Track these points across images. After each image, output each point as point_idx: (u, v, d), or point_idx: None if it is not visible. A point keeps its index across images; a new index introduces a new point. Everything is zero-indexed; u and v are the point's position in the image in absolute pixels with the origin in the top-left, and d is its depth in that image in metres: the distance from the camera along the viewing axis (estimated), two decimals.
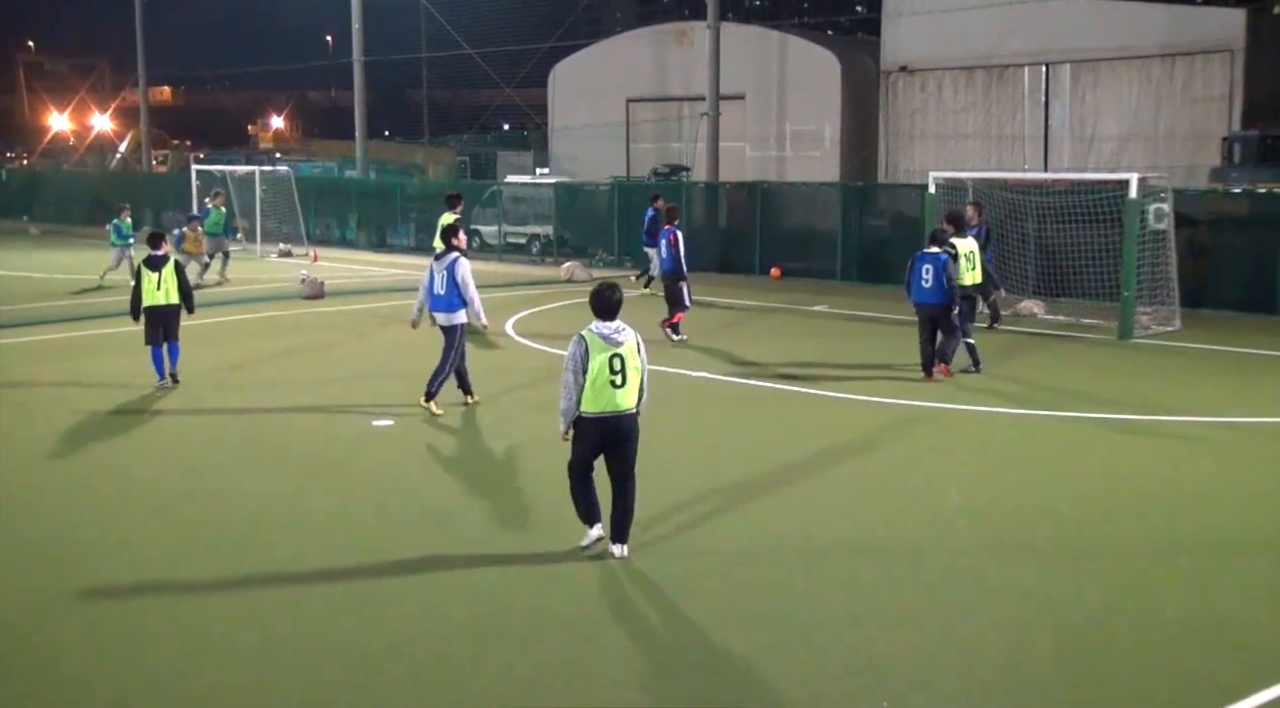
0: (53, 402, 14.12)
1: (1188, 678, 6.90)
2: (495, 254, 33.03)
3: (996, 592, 8.13)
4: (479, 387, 13.81)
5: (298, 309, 22.34)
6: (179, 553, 8.89)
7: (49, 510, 10.00)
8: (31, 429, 12.72)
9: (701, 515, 9.71)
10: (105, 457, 11.81)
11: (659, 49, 42.35)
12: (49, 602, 7.92)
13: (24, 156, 79.25)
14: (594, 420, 8.49)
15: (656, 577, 8.31)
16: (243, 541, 9.17)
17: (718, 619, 7.60)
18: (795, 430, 12.89)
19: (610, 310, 8.65)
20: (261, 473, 11.15)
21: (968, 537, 9.30)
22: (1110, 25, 32.71)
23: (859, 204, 27.83)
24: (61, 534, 9.37)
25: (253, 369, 16.38)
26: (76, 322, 20.37)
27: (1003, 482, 10.86)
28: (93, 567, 8.62)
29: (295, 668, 6.94)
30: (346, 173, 46.62)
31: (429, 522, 9.67)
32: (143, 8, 49.15)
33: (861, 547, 9.06)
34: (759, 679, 6.80)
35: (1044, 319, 21.01)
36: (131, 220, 25.95)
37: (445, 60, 51.83)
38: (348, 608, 7.82)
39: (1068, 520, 9.74)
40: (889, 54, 36.11)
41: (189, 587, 8.20)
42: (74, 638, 7.35)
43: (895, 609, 7.80)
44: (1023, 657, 7.10)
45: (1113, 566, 8.68)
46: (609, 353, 8.47)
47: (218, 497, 10.31)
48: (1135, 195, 18.83)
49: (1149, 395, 14.56)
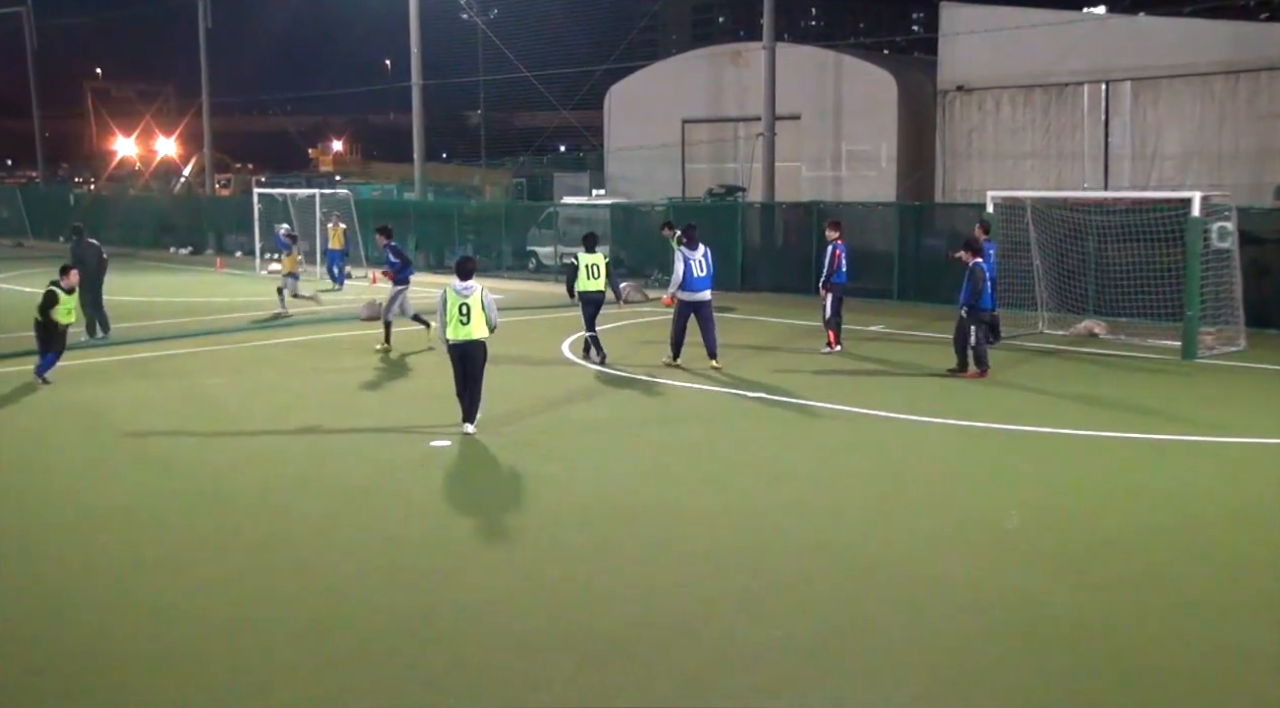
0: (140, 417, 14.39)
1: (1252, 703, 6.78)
2: (551, 275, 33.19)
3: (1057, 618, 8.03)
4: (532, 406, 13.87)
5: (357, 330, 22.59)
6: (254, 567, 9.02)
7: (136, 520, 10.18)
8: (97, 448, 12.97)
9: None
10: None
11: (714, 70, 42.43)
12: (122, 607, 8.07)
13: (92, 181, 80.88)
14: (453, 345, 13.20)
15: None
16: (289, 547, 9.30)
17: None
18: (848, 450, 12.84)
19: (466, 274, 13.22)
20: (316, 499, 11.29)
21: (1021, 559, 9.18)
22: (1171, 42, 32.29)
23: (916, 224, 27.69)
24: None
25: (314, 391, 16.61)
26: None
27: (1063, 504, 10.72)
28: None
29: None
30: (405, 195, 47.11)
31: (483, 542, 9.75)
32: (207, 34, 50.10)
33: (917, 568, 8.99)
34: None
35: (1105, 339, 20.77)
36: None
37: (502, 83, 52.24)
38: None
39: (1127, 542, 9.59)
40: (946, 73, 35.88)
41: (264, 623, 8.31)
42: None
43: (954, 629, 7.73)
44: (1085, 682, 7.01)
45: (1176, 588, 8.54)
46: (459, 301, 13.01)
47: (278, 514, 10.48)
48: (1198, 214, 18.59)
49: (1213, 416, 14.33)
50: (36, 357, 17.02)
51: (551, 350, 19.82)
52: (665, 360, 17.87)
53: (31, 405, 15.49)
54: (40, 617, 8.13)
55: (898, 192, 36.69)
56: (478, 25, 48.94)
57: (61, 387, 16.53)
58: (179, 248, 46.01)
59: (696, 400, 15.68)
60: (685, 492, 11.14)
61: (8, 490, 11.38)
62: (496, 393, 14.28)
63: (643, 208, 34.70)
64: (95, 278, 20.98)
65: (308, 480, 11.66)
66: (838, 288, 19.23)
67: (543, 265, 34.80)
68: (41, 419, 14.67)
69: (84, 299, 19.56)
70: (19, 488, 11.49)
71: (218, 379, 17.42)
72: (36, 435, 13.82)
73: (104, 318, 21.30)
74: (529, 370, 17.79)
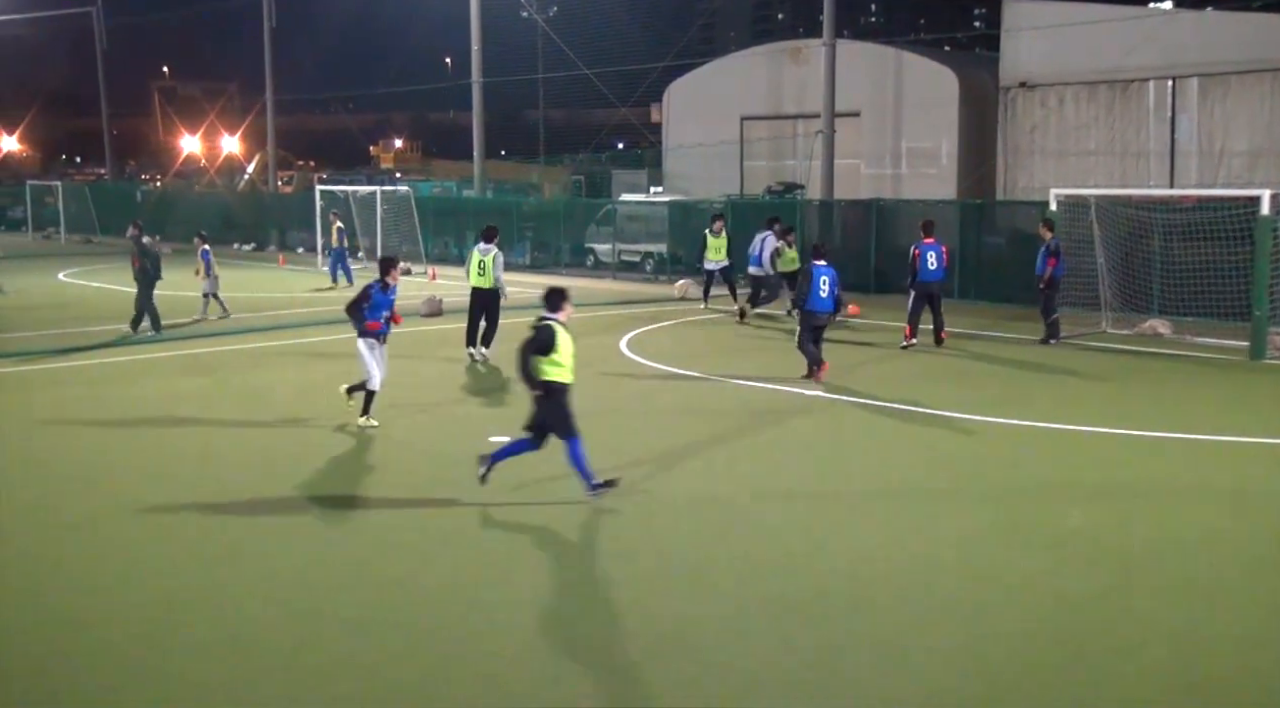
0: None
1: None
2: (609, 272, 33.26)
3: (1123, 623, 7.95)
4: (596, 400, 13.89)
5: (417, 327, 22.77)
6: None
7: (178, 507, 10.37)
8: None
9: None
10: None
11: (773, 67, 42.27)
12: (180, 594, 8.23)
13: (158, 178, 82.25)
14: (474, 291, 18.14)
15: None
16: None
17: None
18: (932, 455, 12.78)
19: (489, 238, 18.12)
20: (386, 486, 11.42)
21: (1083, 565, 9.10)
22: (1240, 37, 31.71)
23: (977, 222, 27.42)
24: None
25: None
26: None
27: (1126, 507, 10.60)
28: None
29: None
30: (464, 192, 47.41)
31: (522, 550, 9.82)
32: (271, 33, 50.72)
33: (979, 571, 8.93)
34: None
35: (1170, 338, 20.48)
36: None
37: (562, 81, 52.39)
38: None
39: (1192, 548, 9.47)
40: (1008, 69, 35.48)
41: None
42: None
43: (1033, 646, 7.68)
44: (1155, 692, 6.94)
45: (1250, 598, 8.42)
46: (477, 259, 18.03)
47: (342, 506, 10.62)
48: (1268, 211, 18.27)
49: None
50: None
51: (610, 350, 19.88)
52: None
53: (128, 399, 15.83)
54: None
55: (958, 189, 36.36)
56: (537, 23, 49.13)
57: (160, 377, 16.86)
58: (242, 244, 46.65)
59: (798, 403, 15.66)
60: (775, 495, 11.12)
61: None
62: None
63: (701, 205, 34.67)
64: (155, 276, 21.48)
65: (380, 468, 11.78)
66: (919, 286, 19.45)
67: (600, 262, 34.87)
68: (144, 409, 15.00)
69: (144, 295, 20.55)
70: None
71: (277, 374, 17.67)
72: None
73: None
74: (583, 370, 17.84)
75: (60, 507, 10.71)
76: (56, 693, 6.91)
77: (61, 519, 10.32)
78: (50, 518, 10.37)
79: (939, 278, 19.63)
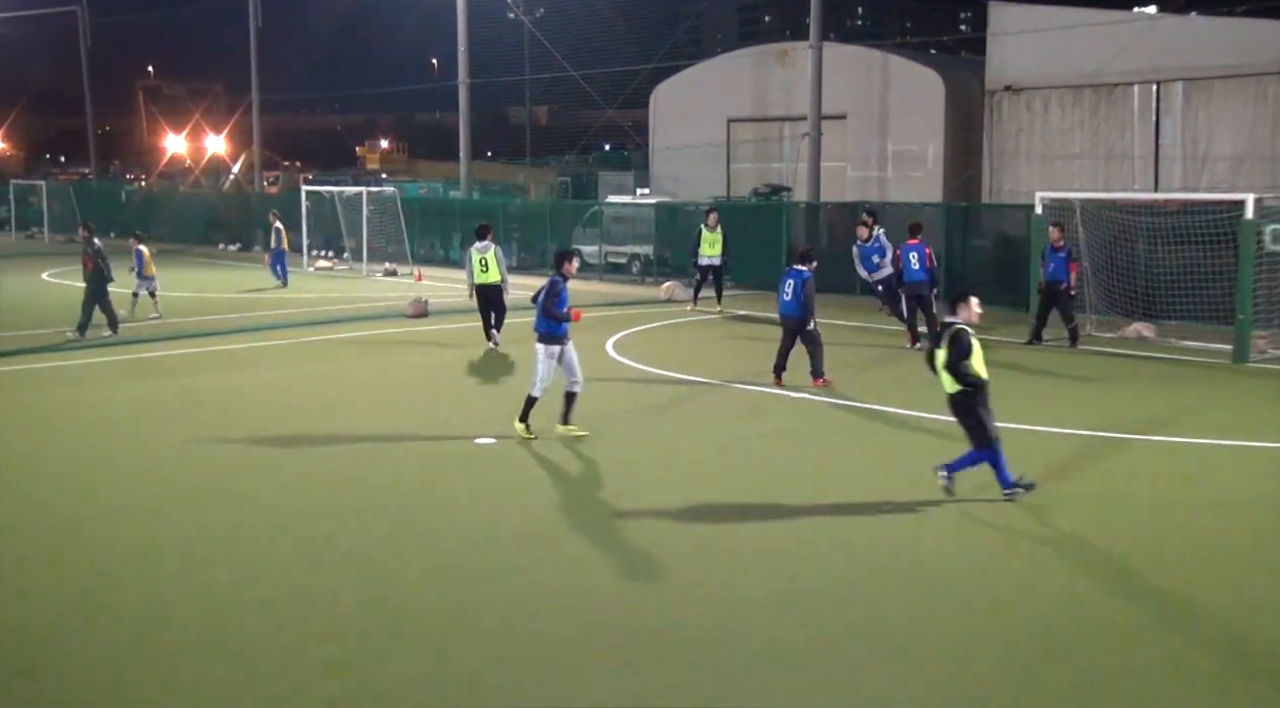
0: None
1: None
2: (596, 274, 33.27)
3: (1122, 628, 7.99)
4: (582, 404, 13.90)
5: (403, 327, 22.77)
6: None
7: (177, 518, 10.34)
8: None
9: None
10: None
11: (760, 69, 42.32)
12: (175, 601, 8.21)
13: (143, 178, 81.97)
14: (477, 288, 19.29)
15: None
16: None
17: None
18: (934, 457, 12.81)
19: (482, 236, 19.42)
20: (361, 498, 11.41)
21: (1077, 566, 9.14)
22: (1224, 41, 31.86)
23: (963, 225, 27.50)
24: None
25: (365, 387, 16.79)
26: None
27: (1116, 510, 10.65)
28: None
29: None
30: (451, 193, 47.35)
31: (525, 543, 9.83)
32: (257, 33, 50.59)
33: (964, 567, 8.96)
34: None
35: (1154, 342, 20.57)
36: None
37: (548, 82, 52.43)
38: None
39: (1190, 550, 9.53)
40: (994, 73, 35.59)
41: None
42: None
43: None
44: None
45: (1236, 599, 8.48)
46: (478, 257, 19.23)
47: (329, 514, 10.61)
48: (1251, 216, 18.37)
49: (1267, 420, 14.16)
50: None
51: (597, 353, 19.89)
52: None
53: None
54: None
55: (944, 192, 36.45)
56: (524, 24, 49.10)
57: (119, 379, 16.81)
58: (228, 244, 46.50)
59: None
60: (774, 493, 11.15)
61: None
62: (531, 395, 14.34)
63: (687, 207, 34.67)
64: (108, 278, 21.62)
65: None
66: (906, 288, 19.79)
67: (587, 264, 34.84)
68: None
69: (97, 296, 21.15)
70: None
71: (269, 373, 17.64)
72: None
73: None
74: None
75: (56, 505, 10.68)
76: (47, 695, 6.89)
77: (54, 519, 10.30)
78: (43, 518, 10.35)
79: (921, 279, 19.53)
